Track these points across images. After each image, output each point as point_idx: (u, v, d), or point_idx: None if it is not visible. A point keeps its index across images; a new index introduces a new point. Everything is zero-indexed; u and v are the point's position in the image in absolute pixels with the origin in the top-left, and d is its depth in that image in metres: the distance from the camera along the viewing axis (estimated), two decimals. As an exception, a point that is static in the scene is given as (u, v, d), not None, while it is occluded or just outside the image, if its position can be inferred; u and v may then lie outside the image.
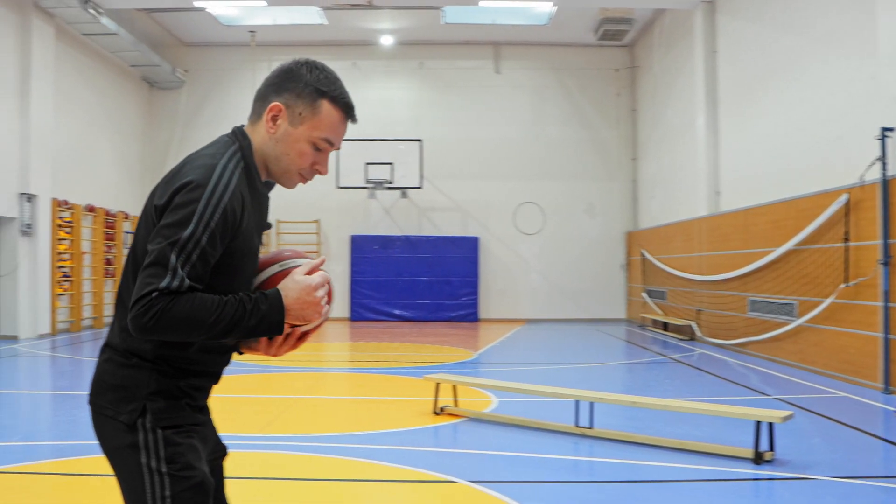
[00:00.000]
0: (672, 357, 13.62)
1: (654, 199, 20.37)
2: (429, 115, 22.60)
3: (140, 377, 2.22)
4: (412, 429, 7.48)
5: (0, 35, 15.49)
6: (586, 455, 6.54)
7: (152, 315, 2.02)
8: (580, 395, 7.18)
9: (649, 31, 20.63)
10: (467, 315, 22.03)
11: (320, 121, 2.32)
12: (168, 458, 2.19)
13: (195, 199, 2.12)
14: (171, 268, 2.05)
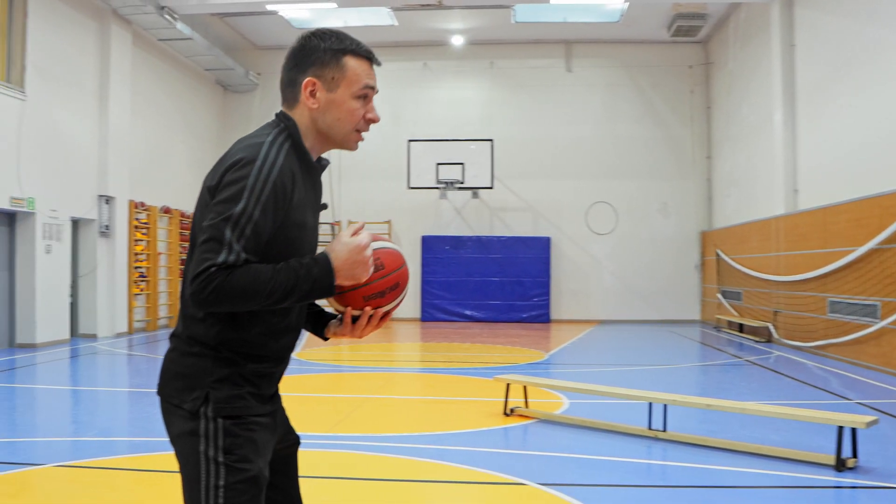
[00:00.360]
0: (748, 359, 13.30)
1: (730, 198, 19.94)
2: (500, 115, 22.50)
3: (203, 365, 2.25)
4: (482, 430, 7.40)
5: (81, 42, 15.91)
6: (659, 459, 6.38)
7: (212, 289, 2.07)
8: (653, 396, 7.02)
9: (724, 27, 20.19)
10: (539, 316, 21.87)
11: (353, 75, 2.37)
12: (226, 449, 2.20)
13: (245, 175, 2.17)
14: (226, 243, 2.10)
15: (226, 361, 2.25)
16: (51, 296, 14.86)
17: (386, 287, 2.39)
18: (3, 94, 13.70)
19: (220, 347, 2.24)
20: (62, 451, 6.65)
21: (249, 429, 2.25)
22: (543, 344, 16.03)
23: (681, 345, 16.11)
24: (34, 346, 14.31)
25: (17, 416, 8.45)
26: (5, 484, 5.64)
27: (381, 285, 2.37)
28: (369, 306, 2.36)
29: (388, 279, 2.39)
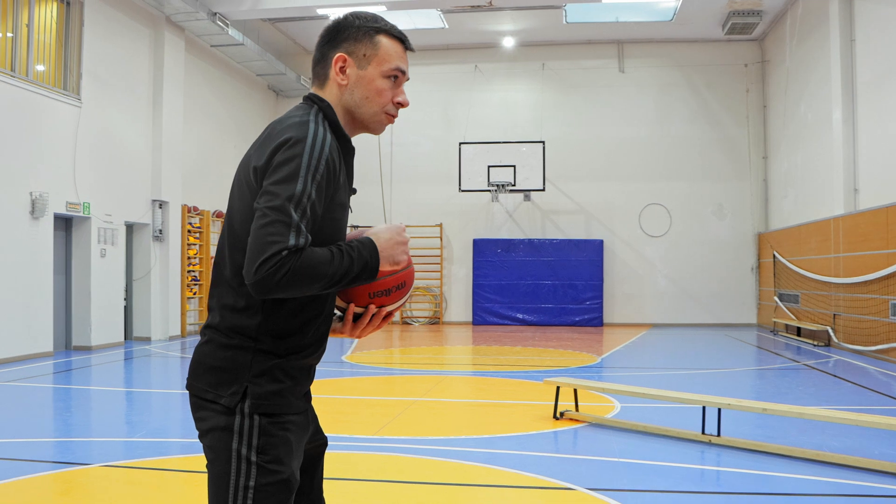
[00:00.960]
0: (806, 363, 12.96)
1: (787, 199, 19.51)
2: (551, 117, 22.32)
3: (242, 358, 2.17)
4: (531, 433, 7.28)
5: (135, 49, 16.13)
6: (713, 464, 6.20)
7: (285, 272, 2.00)
8: (707, 400, 6.83)
9: (780, 23, 19.78)
10: (592, 319, 21.63)
11: (385, 53, 2.33)
12: (260, 448, 2.13)
13: (298, 154, 2.11)
14: (294, 225, 2.03)
15: (266, 354, 2.18)
16: (105, 299, 15.07)
17: (393, 285, 2.33)
18: (59, 101, 13.93)
19: (261, 338, 2.17)
20: (115, 451, 6.69)
21: (285, 428, 2.18)
22: (596, 347, 15.82)
23: (736, 349, 15.78)
24: (89, 349, 14.52)
25: (73, 416, 8.54)
26: (59, 482, 5.68)
27: (388, 282, 2.32)
28: (373, 304, 2.32)
29: (395, 277, 2.33)
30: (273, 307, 2.16)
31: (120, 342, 15.59)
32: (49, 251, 13.62)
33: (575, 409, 7.92)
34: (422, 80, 22.89)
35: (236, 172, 2.29)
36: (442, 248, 22.66)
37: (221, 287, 2.24)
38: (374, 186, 22.34)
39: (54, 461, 6.29)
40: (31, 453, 6.50)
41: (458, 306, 22.76)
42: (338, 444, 6.70)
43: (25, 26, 13.38)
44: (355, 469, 6.07)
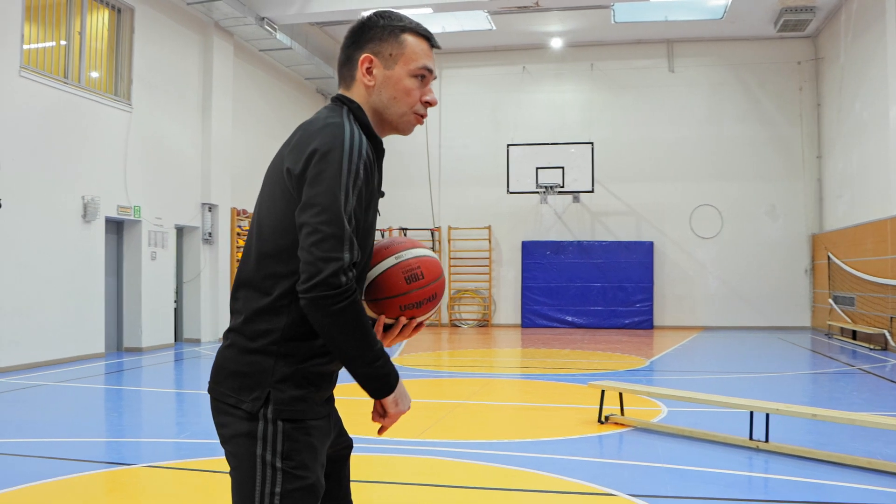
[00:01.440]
0: (861, 368, 12.64)
1: (842, 199, 19.08)
2: (600, 118, 22.13)
3: (265, 363, 2.13)
4: (575, 437, 7.19)
5: (184, 54, 16.34)
6: (761, 471, 6.04)
7: (344, 299, 2.00)
8: (755, 405, 6.67)
9: (835, 19, 19.36)
10: (642, 322, 21.38)
11: (412, 52, 2.29)
12: (284, 454, 2.10)
13: (337, 160, 2.07)
14: (347, 238, 2.02)
15: (289, 358, 2.14)
16: (156, 301, 15.28)
17: (423, 298, 2.31)
18: (111, 106, 14.16)
19: (284, 342, 2.13)
20: (163, 451, 6.75)
21: (309, 433, 2.14)
22: (645, 350, 15.62)
23: (789, 352, 15.46)
24: (140, 350, 14.72)
25: (123, 417, 8.65)
26: (109, 482, 5.74)
27: (419, 295, 2.29)
28: (404, 316, 2.30)
29: (426, 290, 2.31)
30: (299, 312, 2.12)
31: (170, 344, 15.79)
32: (101, 254, 13.84)
33: (620, 413, 7.80)
34: (470, 82, 22.88)
35: (266, 174, 2.25)
36: (490, 250, 22.58)
37: (247, 290, 2.20)
38: (423, 189, 22.35)
39: (104, 461, 6.36)
40: (81, 453, 6.58)
41: (506, 309, 22.67)
42: (380, 447, 6.68)
43: (78, 34, 13.62)
44: (397, 472, 6.04)
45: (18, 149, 11.93)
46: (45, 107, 12.59)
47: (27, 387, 10.41)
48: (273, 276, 2.14)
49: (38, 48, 12.95)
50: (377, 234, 2.44)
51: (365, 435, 7.14)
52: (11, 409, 9.01)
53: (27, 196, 12.11)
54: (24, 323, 12.10)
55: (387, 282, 2.28)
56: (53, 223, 12.70)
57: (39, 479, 5.68)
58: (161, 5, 15.54)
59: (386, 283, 2.28)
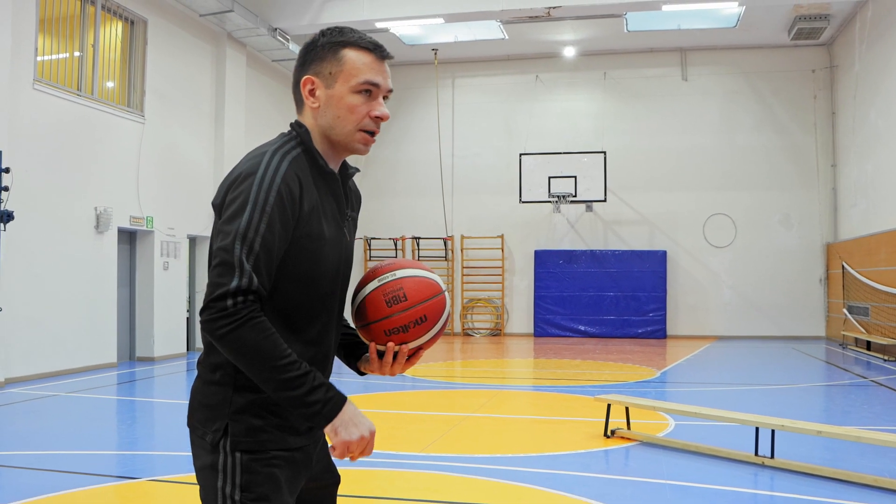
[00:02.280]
0: (874, 380, 12.56)
1: (856, 208, 18.96)
2: (613, 126, 22.09)
3: (224, 394, 2.13)
4: (580, 452, 7.18)
5: (197, 65, 16.45)
6: (766, 488, 6.01)
7: (228, 326, 1.95)
8: (761, 421, 6.65)
9: (849, 27, 19.27)
10: (655, 331, 21.31)
11: (352, 67, 2.19)
12: (243, 486, 2.08)
13: (247, 189, 2.04)
14: (237, 263, 1.97)
15: (246, 390, 2.11)
16: (168, 311, 15.35)
17: (409, 321, 2.23)
18: (124, 118, 14.26)
19: (239, 373, 2.10)
20: (177, 464, 6.77)
21: (270, 464, 2.12)
22: (657, 361, 15.57)
23: (802, 363, 15.37)
24: (152, 360, 14.80)
25: (135, 428, 8.70)
26: (118, 496, 5.76)
27: (401, 319, 2.23)
28: (392, 342, 2.24)
29: (409, 313, 2.23)
30: None
31: (182, 353, 15.86)
32: (113, 264, 13.93)
33: (627, 427, 7.78)
34: (483, 91, 22.90)
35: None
36: (503, 259, 22.57)
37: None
38: (436, 198, 22.36)
39: (114, 475, 6.39)
40: (91, 466, 6.62)
41: (519, 318, 22.65)
42: (383, 462, 6.69)
43: (91, 46, 13.73)
44: (399, 488, 6.05)
45: (32, 160, 12.03)
46: (58, 119, 12.70)
47: (40, 397, 10.49)
48: None
49: (52, 60, 13.06)
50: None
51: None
52: (24, 420, 9.08)
53: (40, 207, 12.21)
54: (37, 333, 12.19)
55: (369, 306, 2.24)
56: (66, 234, 12.79)
57: (49, 492, 5.72)
58: (174, 17, 15.65)
59: (368, 307, 2.25)
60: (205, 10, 15.69)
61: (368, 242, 23.10)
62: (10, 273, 11.46)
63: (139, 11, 14.73)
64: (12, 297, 11.50)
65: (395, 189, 23.17)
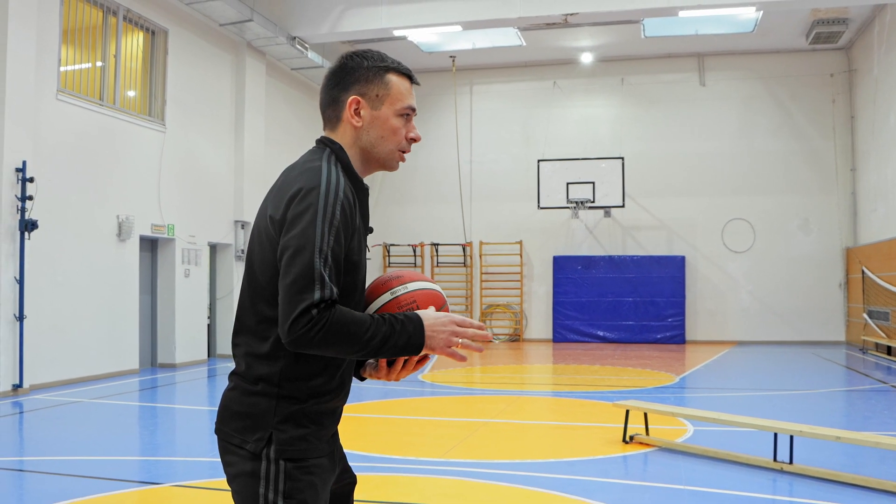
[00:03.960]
0: (895, 385, 12.50)
1: (876, 213, 18.88)
2: (631, 132, 22.10)
3: (267, 405, 2.21)
4: (598, 458, 7.21)
5: (217, 74, 16.61)
6: (785, 494, 6.04)
7: (319, 329, 2.04)
8: (779, 426, 6.66)
9: (868, 31, 19.21)
10: (674, 337, 21.28)
11: (398, 92, 2.36)
12: (286, 493, 2.16)
13: (313, 202, 2.13)
14: (317, 278, 2.06)
15: (289, 400, 2.21)
16: (190, 318, 15.49)
17: None
18: (145, 127, 14.43)
19: (283, 384, 2.20)
20: (199, 470, 6.86)
21: (310, 472, 2.21)
22: (675, 366, 15.55)
23: (822, 368, 15.32)
24: (174, 366, 14.93)
25: (157, 434, 8.80)
26: (142, 502, 5.87)
27: None
28: None
29: None
30: (295, 354, 2.19)
31: (203, 360, 15.99)
32: (135, 272, 14.08)
33: (645, 433, 7.81)
34: (501, 98, 22.98)
35: (255, 219, 2.33)
36: (522, 265, 22.61)
37: (245, 335, 2.28)
38: (455, 204, 22.42)
39: (136, 480, 6.49)
40: (114, 472, 6.72)
41: (538, 323, 22.66)
42: (403, 467, 6.75)
43: (113, 56, 13.90)
44: (419, 493, 6.11)
45: (55, 170, 12.20)
46: (81, 128, 12.87)
47: (63, 403, 10.62)
48: (267, 321, 2.21)
49: (75, 71, 13.24)
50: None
51: (388, 454, 7.23)
52: (48, 426, 9.21)
53: (64, 216, 12.37)
54: (61, 340, 12.34)
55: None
56: (89, 242, 12.95)
57: (73, 497, 5.81)
58: (194, 27, 15.81)
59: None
60: (224, 19, 15.84)
61: (387, 249, 23.20)
62: (34, 281, 11.61)
63: (160, 22, 14.90)
64: (36, 305, 11.66)
65: (413, 195, 23.26)
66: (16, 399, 10.93)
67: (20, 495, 6.09)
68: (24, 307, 11.29)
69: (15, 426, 9.41)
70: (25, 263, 11.31)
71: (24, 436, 8.95)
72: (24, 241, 11.30)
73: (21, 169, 11.29)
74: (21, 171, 11.28)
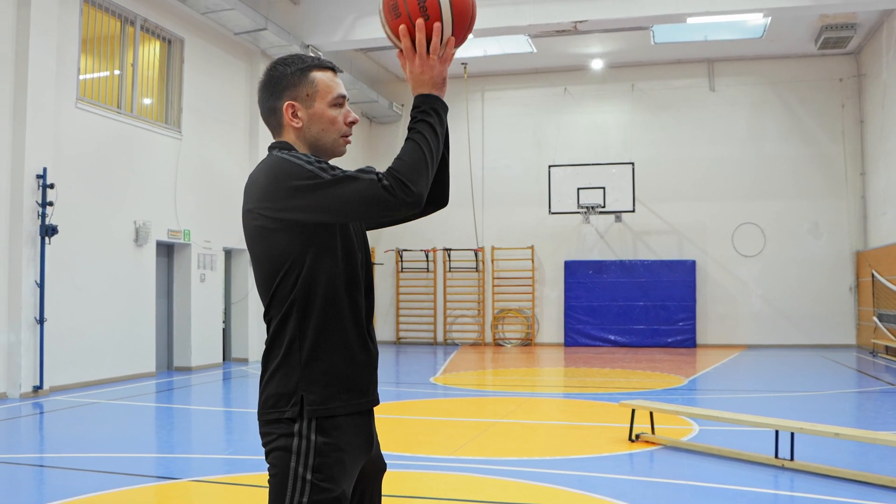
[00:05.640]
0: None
1: (885, 216, 18.96)
2: (642, 138, 22.25)
3: (295, 372, 2.39)
4: (604, 455, 7.38)
5: (232, 82, 16.88)
6: (786, 489, 6.20)
7: (396, 187, 2.28)
8: (780, 424, 6.83)
9: (876, 36, 19.32)
10: (684, 340, 21.39)
11: (325, 86, 2.55)
12: (315, 468, 2.33)
13: (294, 164, 2.36)
14: (349, 175, 2.30)
15: (312, 360, 2.39)
16: (205, 322, 15.74)
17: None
18: (162, 134, 14.70)
19: (303, 349, 2.39)
20: (213, 466, 7.07)
21: (340, 449, 2.38)
22: (685, 369, 15.69)
23: (831, 370, 15.43)
24: (189, 370, 15.17)
25: (174, 433, 9.03)
26: (159, 495, 6.07)
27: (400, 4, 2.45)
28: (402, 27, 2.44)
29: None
30: (303, 316, 2.40)
31: (218, 363, 16.22)
32: (152, 277, 14.34)
33: (651, 432, 7.98)
34: (512, 104, 23.17)
35: (243, 217, 2.51)
36: (534, 269, 22.77)
37: (267, 324, 2.48)
38: (467, 209, 22.60)
39: (154, 475, 6.71)
40: (133, 468, 6.94)
41: (550, 328, 22.82)
42: (416, 465, 6.94)
43: (130, 65, 14.18)
44: (430, 488, 6.30)
45: (75, 177, 12.47)
46: (99, 136, 13.15)
47: (83, 404, 10.86)
48: (274, 313, 2.44)
49: (93, 79, 13.51)
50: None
51: (400, 452, 7.42)
52: (69, 426, 9.45)
53: (82, 222, 12.64)
54: (80, 343, 12.61)
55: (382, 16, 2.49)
56: (107, 248, 13.21)
57: (94, 491, 6.04)
58: (210, 36, 16.08)
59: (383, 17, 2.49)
60: (239, 28, 16.10)
61: (400, 254, 23.41)
62: (54, 285, 11.88)
63: (176, 31, 15.17)
64: (56, 309, 11.92)
65: (425, 201, 23.39)
66: (36, 400, 11.19)
67: (43, 489, 6.32)
68: (45, 311, 11.56)
69: (36, 425, 9.67)
70: (46, 268, 11.58)
71: (44, 434, 9.20)
72: (44, 246, 11.57)
73: (42, 175, 11.57)
74: (42, 178, 11.56)
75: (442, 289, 23.39)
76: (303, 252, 2.39)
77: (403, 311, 23.74)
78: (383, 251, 23.57)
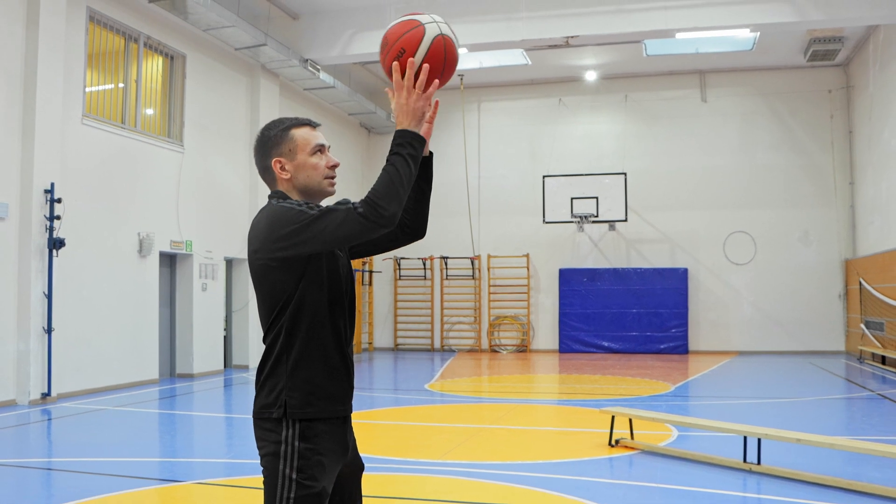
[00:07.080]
0: (880, 393, 13.00)
1: (873, 225, 19.37)
2: (635, 148, 22.65)
3: (280, 380, 2.82)
4: (584, 459, 7.78)
5: (233, 96, 17.31)
6: (753, 492, 6.59)
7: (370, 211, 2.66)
8: (747, 430, 7.23)
9: (863, 48, 19.73)
10: (677, 347, 21.78)
11: (303, 140, 2.98)
12: (299, 468, 2.78)
13: (290, 209, 2.76)
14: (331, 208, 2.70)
15: (296, 367, 2.81)
16: (207, 330, 16.17)
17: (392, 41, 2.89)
18: (164, 148, 15.12)
19: (289, 359, 2.82)
20: (215, 469, 7.47)
21: (319, 453, 2.82)
22: (675, 376, 16.07)
23: (818, 377, 15.81)
24: (192, 376, 15.58)
25: (177, 438, 9.44)
26: (162, 497, 6.48)
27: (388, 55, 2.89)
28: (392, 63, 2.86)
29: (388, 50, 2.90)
30: (292, 330, 2.83)
31: (220, 370, 16.64)
32: (155, 286, 14.75)
33: (630, 438, 8.38)
34: (507, 115, 23.59)
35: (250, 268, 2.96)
36: (529, 277, 23.16)
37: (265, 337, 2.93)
38: (463, 218, 22.99)
39: (157, 478, 7.12)
40: (137, 471, 7.35)
41: (544, 335, 23.21)
42: (405, 468, 7.34)
43: (134, 81, 14.61)
44: (418, 490, 6.70)
45: (81, 191, 12.90)
46: (104, 151, 13.58)
47: (89, 410, 11.27)
48: (269, 335, 2.89)
49: (98, 94, 13.93)
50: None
51: (390, 456, 7.82)
52: (75, 431, 9.86)
53: (88, 234, 13.07)
54: (86, 351, 13.03)
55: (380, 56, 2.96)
56: (112, 259, 13.64)
57: (101, 493, 6.44)
58: (211, 52, 16.52)
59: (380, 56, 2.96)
60: (240, 44, 16.52)
61: (398, 262, 23.84)
62: (61, 296, 12.30)
63: (178, 47, 15.61)
64: (63, 318, 12.35)
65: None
66: (44, 406, 11.60)
67: (52, 492, 6.73)
68: (52, 320, 11.98)
69: (44, 431, 10.08)
70: (53, 279, 12.00)
71: (52, 439, 9.61)
72: (52, 259, 12.00)
73: (49, 190, 11.99)
74: (49, 193, 11.99)
75: (439, 296, 23.81)
76: (296, 285, 2.82)
77: (401, 318, 24.16)
78: (381, 259, 23.99)
